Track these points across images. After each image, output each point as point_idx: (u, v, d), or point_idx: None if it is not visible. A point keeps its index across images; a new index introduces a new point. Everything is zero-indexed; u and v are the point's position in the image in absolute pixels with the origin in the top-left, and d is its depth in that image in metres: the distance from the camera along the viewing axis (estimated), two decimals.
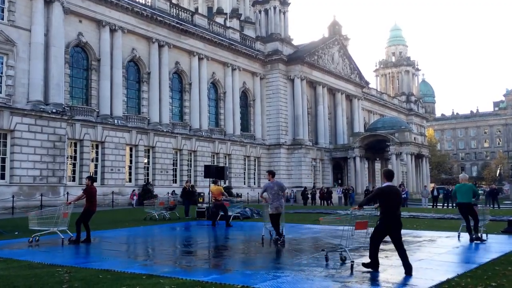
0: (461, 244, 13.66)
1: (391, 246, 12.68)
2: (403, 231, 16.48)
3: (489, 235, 14.67)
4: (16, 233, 16.69)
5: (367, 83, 73.64)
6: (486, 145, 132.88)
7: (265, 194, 13.81)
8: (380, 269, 9.35)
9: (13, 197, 27.17)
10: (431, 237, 14.92)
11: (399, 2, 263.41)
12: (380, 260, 10.58)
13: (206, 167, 26.52)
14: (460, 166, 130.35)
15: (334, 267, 9.88)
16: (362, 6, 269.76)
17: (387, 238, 13.33)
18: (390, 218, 9.30)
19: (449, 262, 10.59)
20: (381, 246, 13.23)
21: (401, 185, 48.11)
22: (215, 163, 45.32)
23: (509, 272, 8.96)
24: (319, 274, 9.10)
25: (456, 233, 14.87)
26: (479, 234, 13.93)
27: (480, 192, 39.65)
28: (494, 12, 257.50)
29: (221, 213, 20.48)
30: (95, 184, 16.18)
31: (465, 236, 14.28)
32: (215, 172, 25.45)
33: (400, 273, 9.03)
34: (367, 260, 9.62)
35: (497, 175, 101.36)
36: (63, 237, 13.93)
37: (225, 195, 21.78)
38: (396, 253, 9.39)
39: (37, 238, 14.02)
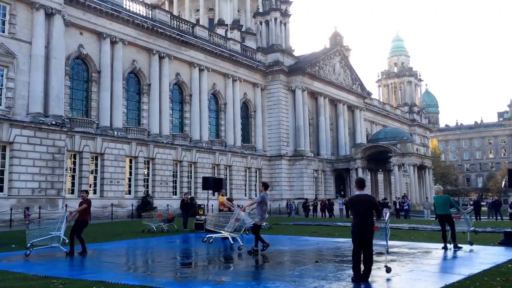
0: (454, 255, 13.61)
1: (386, 257, 12.64)
2: (399, 243, 16.56)
3: (485, 247, 14.65)
4: (14, 246, 16.70)
5: (369, 93, 73.64)
6: (491, 156, 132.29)
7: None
8: (370, 279, 9.33)
9: (11, 209, 27.17)
10: (426, 249, 14.85)
11: (400, 13, 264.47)
12: (372, 272, 10.53)
13: (204, 179, 26.54)
14: (465, 177, 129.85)
15: (325, 278, 9.87)
16: (363, 17, 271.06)
17: (379, 247, 13.23)
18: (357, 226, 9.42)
19: (440, 273, 10.56)
20: (375, 258, 13.21)
21: (404, 197, 48.02)
22: (216, 175, 45.30)
23: (497, 282, 8.90)
24: (309, 285, 9.13)
25: (450, 245, 14.85)
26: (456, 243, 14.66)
27: (482, 203, 39.65)
28: (498, 22, 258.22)
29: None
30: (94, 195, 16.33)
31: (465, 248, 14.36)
32: (213, 184, 25.46)
33: (389, 284, 8.95)
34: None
35: (503, 187, 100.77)
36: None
37: (227, 207, 21.10)
38: (392, 261, 9.43)
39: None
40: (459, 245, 14.61)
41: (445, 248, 14.47)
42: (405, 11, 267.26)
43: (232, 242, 16.15)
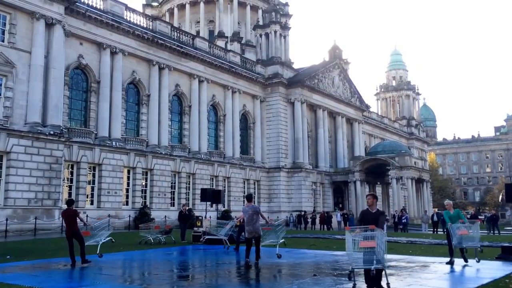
0: (453, 270, 13.53)
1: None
2: (397, 256, 16.49)
3: (483, 261, 14.58)
4: (8, 257, 16.58)
5: (367, 106, 73.78)
6: (488, 170, 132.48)
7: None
8: None
9: (6, 220, 26.96)
10: (424, 263, 14.77)
11: (399, 27, 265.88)
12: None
13: (202, 190, 26.46)
14: (462, 191, 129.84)
15: None
16: (362, 30, 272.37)
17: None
18: None
19: (437, 287, 10.46)
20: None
21: (402, 210, 47.86)
22: (214, 186, 45.10)
23: None
24: None
25: (448, 259, 14.75)
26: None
27: (480, 217, 39.61)
28: (494, 37, 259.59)
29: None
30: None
31: (458, 262, 14.25)
32: (212, 196, 25.38)
33: None
34: None
35: (500, 201, 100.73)
36: None
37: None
38: (390, 275, 9.48)
39: None
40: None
41: (451, 262, 14.37)
42: (403, 25, 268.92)
43: None
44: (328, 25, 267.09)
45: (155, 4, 77.40)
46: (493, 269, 13.70)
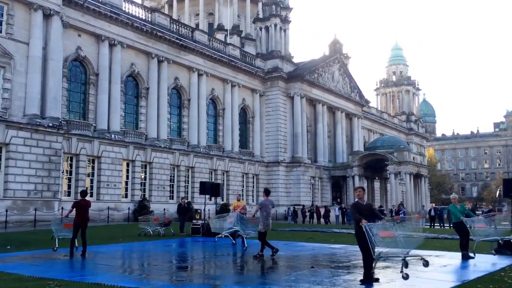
0: (449, 263, 13.62)
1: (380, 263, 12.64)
2: (394, 250, 16.48)
3: (479, 255, 14.69)
4: (9, 247, 16.65)
5: (367, 102, 73.77)
6: (486, 165, 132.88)
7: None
8: (363, 285, 9.35)
9: (6, 211, 27.00)
10: (420, 256, 14.80)
11: (400, 22, 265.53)
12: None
13: (201, 183, 26.47)
14: (460, 186, 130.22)
15: (320, 283, 9.89)
16: (363, 25, 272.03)
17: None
18: None
19: (434, 280, 10.63)
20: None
21: (400, 205, 48.03)
22: (213, 180, 45.13)
23: None
24: None
25: (445, 252, 14.87)
26: (470, 253, 14.52)
27: (478, 213, 39.84)
28: (495, 33, 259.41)
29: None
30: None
31: (455, 256, 14.35)
32: (211, 189, 25.39)
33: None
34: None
35: (497, 196, 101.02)
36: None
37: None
38: (387, 268, 9.63)
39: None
40: (471, 254, 14.46)
41: (465, 256, 14.37)
42: (404, 20, 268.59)
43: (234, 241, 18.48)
44: (329, 19, 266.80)
45: None
46: (489, 262, 13.81)
